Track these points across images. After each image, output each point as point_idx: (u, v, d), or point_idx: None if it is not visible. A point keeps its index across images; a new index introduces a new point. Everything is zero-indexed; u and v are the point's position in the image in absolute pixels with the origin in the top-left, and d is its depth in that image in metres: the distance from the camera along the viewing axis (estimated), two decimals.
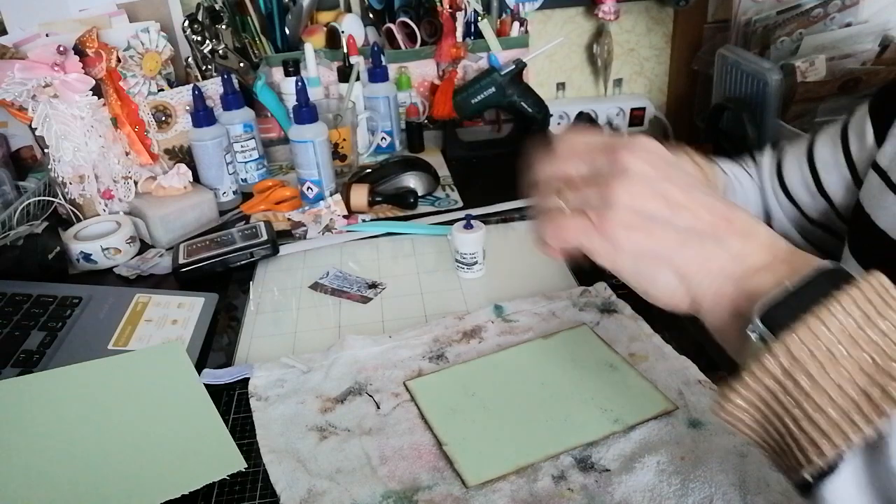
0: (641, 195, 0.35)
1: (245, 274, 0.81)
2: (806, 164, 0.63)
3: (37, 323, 0.69)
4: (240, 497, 0.51)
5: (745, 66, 1.16)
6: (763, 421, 0.30)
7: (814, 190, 0.62)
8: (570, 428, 0.53)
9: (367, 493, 0.49)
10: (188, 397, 0.59)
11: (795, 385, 0.28)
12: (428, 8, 1.17)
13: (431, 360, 0.63)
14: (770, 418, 0.30)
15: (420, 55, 1.19)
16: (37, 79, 0.85)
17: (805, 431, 0.28)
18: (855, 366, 0.27)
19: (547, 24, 1.34)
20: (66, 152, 0.90)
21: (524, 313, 0.69)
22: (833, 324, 0.28)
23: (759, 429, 0.31)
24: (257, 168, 1.06)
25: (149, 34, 0.99)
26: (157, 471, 0.52)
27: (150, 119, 0.98)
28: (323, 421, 0.56)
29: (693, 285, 0.35)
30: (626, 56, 1.40)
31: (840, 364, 0.27)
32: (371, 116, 1.12)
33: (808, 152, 0.63)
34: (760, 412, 0.30)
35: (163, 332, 0.69)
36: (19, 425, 0.56)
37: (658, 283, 0.36)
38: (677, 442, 0.51)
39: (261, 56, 1.16)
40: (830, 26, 1.15)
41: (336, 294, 0.76)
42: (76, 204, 0.94)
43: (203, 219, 0.95)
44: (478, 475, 0.50)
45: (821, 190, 0.62)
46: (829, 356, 0.27)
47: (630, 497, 0.47)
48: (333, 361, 0.63)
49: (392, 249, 0.86)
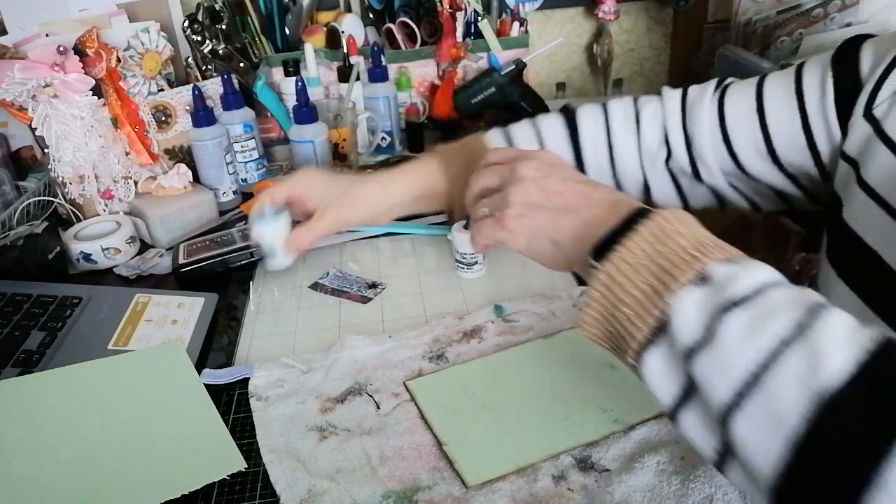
0: (528, 192, 0.48)
1: (245, 274, 0.81)
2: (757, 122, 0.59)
3: (37, 323, 0.69)
4: (240, 497, 0.51)
5: (745, 66, 1.16)
6: (605, 326, 0.41)
7: (767, 156, 0.59)
8: (570, 428, 0.53)
9: (367, 493, 0.49)
10: (188, 397, 0.59)
11: (613, 294, 0.39)
12: (428, 8, 1.16)
13: (431, 360, 0.63)
14: (608, 322, 0.40)
15: (420, 55, 1.19)
16: (37, 79, 0.85)
17: (625, 326, 0.39)
18: (647, 272, 0.38)
19: (547, 24, 1.34)
20: (66, 152, 0.90)
21: (524, 313, 0.69)
22: (633, 248, 0.39)
23: (604, 335, 0.41)
24: (257, 168, 1.06)
25: (149, 34, 0.99)
26: (157, 471, 0.52)
27: (150, 119, 0.98)
28: (323, 421, 0.56)
29: (563, 248, 0.47)
30: (626, 56, 1.40)
31: (639, 274, 0.38)
32: (371, 116, 1.12)
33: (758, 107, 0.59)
34: (601, 321, 0.41)
35: (163, 332, 0.69)
36: (19, 425, 0.56)
37: (544, 253, 0.48)
38: (677, 442, 0.51)
39: (261, 56, 1.16)
40: (830, 26, 1.15)
41: (336, 294, 0.76)
42: (76, 204, 0.94)
43: (203, 219, 0.95)
44: (478, 475, 0.50)
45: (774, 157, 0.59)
46: (632, 270, 0.39)
47: (630, 497, 0.47)
48: (333, 361, 0.63)
49: (392, 249, 0.86)
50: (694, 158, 0.63)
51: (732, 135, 0.60)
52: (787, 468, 0.31)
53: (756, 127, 0.59)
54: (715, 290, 0.36)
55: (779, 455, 0.31)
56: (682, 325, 0.36)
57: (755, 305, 0.34)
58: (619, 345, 0.40)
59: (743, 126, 0.60)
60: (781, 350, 0.32)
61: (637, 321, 0.38)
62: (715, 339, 0.34)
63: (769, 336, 0.33)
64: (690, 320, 0.35)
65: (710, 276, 0.36)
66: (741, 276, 0.36)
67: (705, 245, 0.38)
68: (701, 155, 0.62)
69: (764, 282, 0.36)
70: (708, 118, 0.61)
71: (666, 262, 0.38)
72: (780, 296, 0.35)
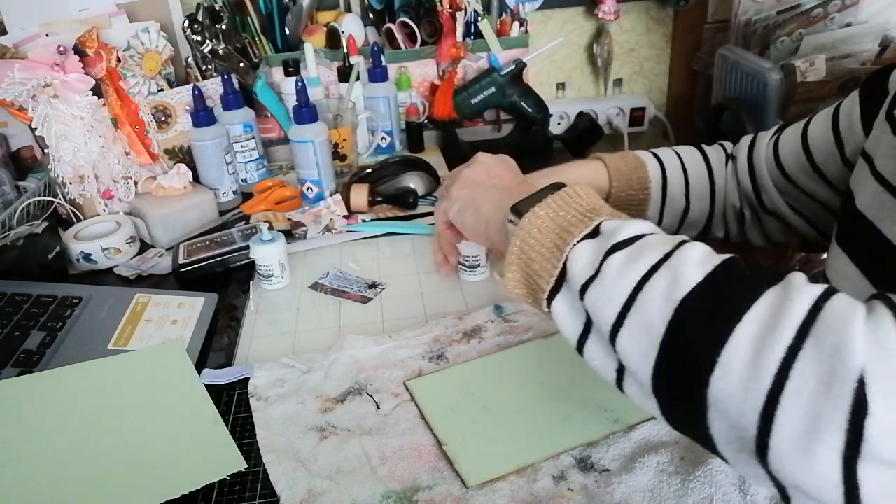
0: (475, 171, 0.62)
1: (245, 274, 0.81)
2: (800, 141, 0.66)
3: (37, 323, 0.69)
4: (240, 497, 0.51)
5: (745, 66, 1.16)
6: (523, 280, 0.48)
7: (807, 166, 0.65)
8: (570, 428, 0.53)
9: (367, 493, 0.49)
10: (188, 397, 0.59)
11: (525, 254, 0.47)
12: (428, 8, 1.16)
13: (431, 360, 0.63)
14: (526, 278, 0.47)
15: (420, 55, 1.19)
16: (37, 79, 0.85)
17: (536, 280, 0.46)
18: (551, 233, 0.46)
19: (547, 24, 1.34)
20: (66, 152, 0.90)
21: (524, 313, 0.69)
22: (541, 213, 0.47)
23: (525, 291, 0.48)
24: (257, 168, 1.06)
25: (149, 34, 0.99)
26: (157, 471, 0.52)
27: (150, 119, 0.98)
28: (323, 421, 0.56)
29: (483, 214, 0.58)
30: (626, 56, 1.40)
31: (544, 234, 0.46)
32: (371, 116, 1.12)
33: (803, 131, 0.66)
34: (520, 275, 0.48)
35: (163, 332, 0.69)
36: (19, 425, 0.56)
37: (468, 219, 0.61)
38: (677, 442, 0.51)
39: (261, 56, 1.16)
40: (830, 26, 1.15)
41: (336, 294, 0.76)
42: (76, 204, 0.94)
43: (203, 219, 0.95)
44: (478, 475, 0.50)
45: (813, 165, 0.64)
46: (538, 232, 0.46)
47: (630, 497, 0.47)
48: (333, 361, 0.63)
49: (392, 249, 0.86)
50: (757, 185, 0.71)
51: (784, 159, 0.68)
52: (658, 365, 0.37)
53: (800, 147, 0.66)
54: (603, 239, 0.43)
55: (651, 356, 0.37)
56: (576, 269, 0.43)
57: (633, 246, 0.41)
58: (536, 297, 0.47)
59: (790, 149, 0.67)
60: (651, 274, 0.39)
61: (544, 274, 0.45)
62: (601, 274, 0.41)
63: (642, 265, 0.40)
64: (583, 264, 0.42)
65: (600, 229, 0.44)
66: (624, 227, 0.43)
67: (598, 209, 0.46)
68: (762, 182, 0.70)
69: (642, 231, 0.43)
70: (765, 150, 0.70)
71: (566, 223, 0.46)
72: (654, 238, 0.42)
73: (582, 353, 0.44)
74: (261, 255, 0.76)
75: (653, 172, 0.72)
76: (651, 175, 0.72)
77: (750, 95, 1.16)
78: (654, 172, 0.73)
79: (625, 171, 0.72)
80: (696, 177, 0.74)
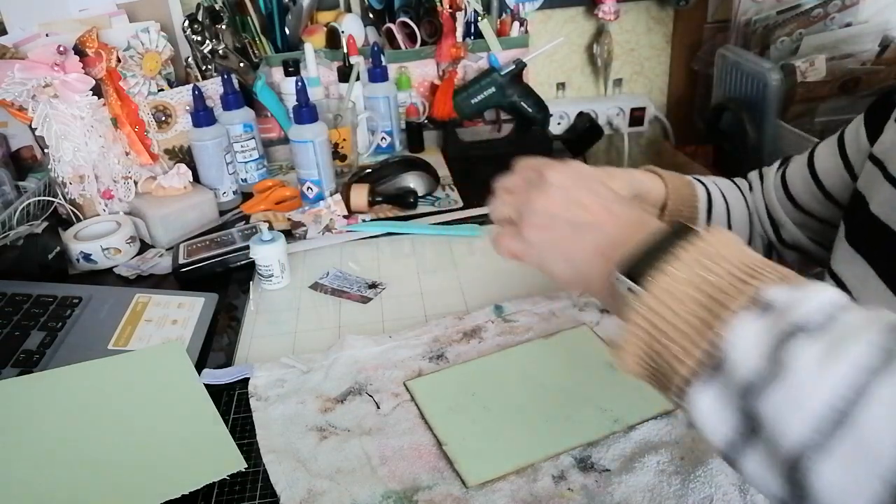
0: (552, 200, 0.45)
1: (245, 274, 0.81)
2: (808, 172, 0.65)
3: (37, 323, 0.69)
4: (240, 497, 0.51)
5: (745, 66, 1.16)
6: (647, 362, 0.37)
7: (820, 196, 0.64)
8: (570, 428, 0.53)
9: (367, 493, 0.49)
10: (188, 397, 0.59)
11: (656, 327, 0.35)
12: (428, 8, 1.16)
13: (431, 360, 0.63)
14: (650, 358, 0.36)
15: (420, 55, 1.19)
16: (37, 79, 0.85)
17: (669, 362, 0.35)
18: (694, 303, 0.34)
19: (547, 24, 1.34)
20: (66, 152, 0.90)
21: (524, 313, 0.69)
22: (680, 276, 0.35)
23: (647, 371, 0.37)
24: (257, 168, 1.06)
25: (149, 34, 0.99)
26: (157, 471, 0.52)
27: (150, 119, 0.98)
28: (323, 421, 0.56)
29: (578, 267, 0.44)
30: (626, 56, 1.40)
31: (684, 304, 0.34)
32: (371, 116, 1.12)
33: (808, 161, 0.66)
34: (643, 350, 0.36)
35: (163, 332, 0.69)
36: (19, 425, 0.56)
37: (557, 270, 0.45)
38: (677, 442, 0.51)
39: (261, 56, 1.16)
40: (830, 26, 1.15)
41: (336, 294, 0.76)
42: (76, 204, 0.94)
43: (203, 219, 0.95)
44: (478, 475, 0.50)
45: (826, 194, 0.63)
46: (675, 300, 0.35)
47: (630, 497, 0.47)
48: (333, 361, 0.63)
49: (392, 249, 0.86)
50: (774, 222, 0.69)
51: (795, 192, 0.66)
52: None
53: (808, 177, 0.65)
54: (775, 317, 0.32)
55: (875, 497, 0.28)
56: (739, 357, 0.32)
57: (825, 331, 0.31)
58: (664, 382, 0.36)
59: (799, 180, 0.66)
60: (868, 381, 0.28)
61: (682, 356, 0.34)
62: (783, 372, 0.30)
63: (849, 365, 0.29)
64: (750, 352, 0.31)
65: (767, 301, 0.32)
66: (803, 298, 0.32)
67: (755, 267, 0.35)
68: (778, 217, 0.68)
69: (831, 303, 0.32)
70: (775, 187, 0.69)
71: (713, 289, 0.34)
72: (853, 318, 0.31)
73: (732, 463, 0.34)
74: (261, 255, 0.76)
75: (699, 190, 0.69)
76: (698, 193, 0.68)
77: (750, 95, 1.16)
78: (701, 191, 0.69)
79: (678, 185, 0.67)
80: (734, 199, 0.71)
